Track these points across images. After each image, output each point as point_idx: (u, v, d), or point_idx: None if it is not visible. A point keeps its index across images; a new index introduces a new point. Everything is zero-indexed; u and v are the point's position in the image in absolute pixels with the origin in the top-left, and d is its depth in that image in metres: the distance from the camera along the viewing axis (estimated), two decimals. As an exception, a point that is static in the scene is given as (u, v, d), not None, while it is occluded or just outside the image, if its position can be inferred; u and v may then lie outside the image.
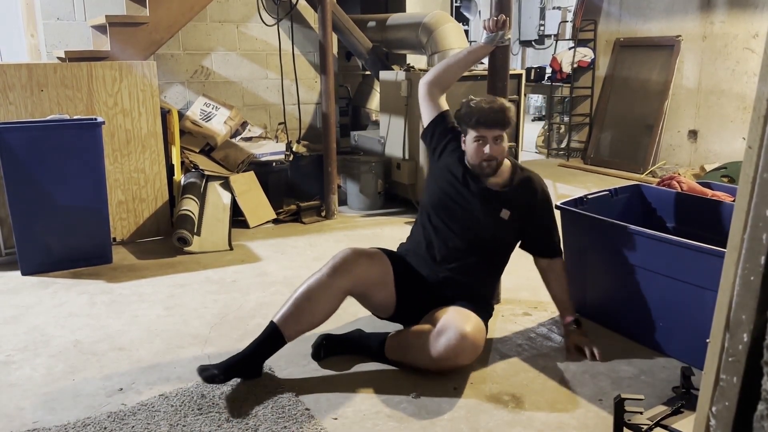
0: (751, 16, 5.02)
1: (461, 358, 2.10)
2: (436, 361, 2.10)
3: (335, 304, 2.19)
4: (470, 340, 2.08)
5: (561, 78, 6.69)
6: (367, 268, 2.24)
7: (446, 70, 2.57)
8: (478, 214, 2.34)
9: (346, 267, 2.19)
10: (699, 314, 2.14)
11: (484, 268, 2.38)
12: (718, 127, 5.38)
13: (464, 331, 2.07)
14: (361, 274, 2.21)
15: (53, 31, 4.24)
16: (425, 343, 2.11)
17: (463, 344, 2.07)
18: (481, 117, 2.25)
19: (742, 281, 0.80)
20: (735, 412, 0.82)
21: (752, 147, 0.78)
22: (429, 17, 4.56)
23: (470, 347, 2.09)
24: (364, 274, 2.23)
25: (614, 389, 2.08)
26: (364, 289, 2.26)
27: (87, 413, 1.96)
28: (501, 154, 2.31)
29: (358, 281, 2.22)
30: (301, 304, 2.14)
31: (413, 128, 4.30)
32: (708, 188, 2.83)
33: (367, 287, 2.26)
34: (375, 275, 2.26)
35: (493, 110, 2.25)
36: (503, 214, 2.33)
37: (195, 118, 4.40)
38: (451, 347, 2.06)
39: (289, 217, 4.22)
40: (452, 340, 2.06)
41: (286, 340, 2.14)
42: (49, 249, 3.22)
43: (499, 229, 2.35)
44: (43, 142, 3.11)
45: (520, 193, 2.36)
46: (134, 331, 2.57)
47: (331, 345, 2.33)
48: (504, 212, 2.33)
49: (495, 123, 2.25)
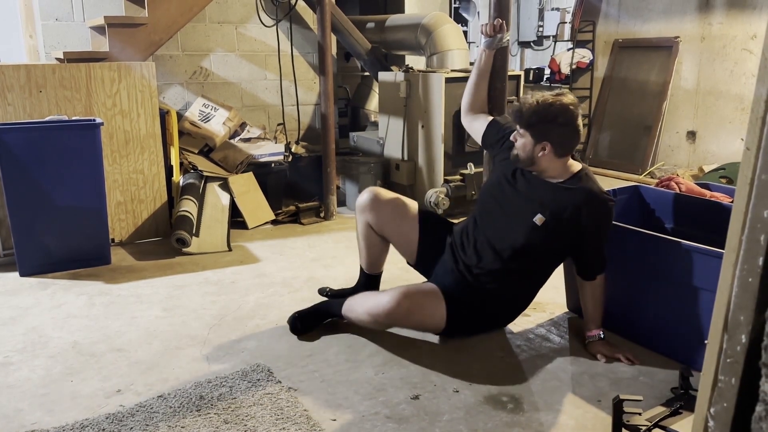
0: (750, 17, 5.03)
1: (383, 318, 2.27)
2: (367, 316, 2.32)
3: (377, 238, 2.62)
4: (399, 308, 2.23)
5: (560, 79, 6.68)
6: (387, 204, 2.56)
7: (471, 94, 2.65)
8: (515, 219, 2.27)
9: (367, 204, 2.57)
10: (697, 315, 2.14)
11: (513, 275, 2.31)
12: (717, 128, 5.38)
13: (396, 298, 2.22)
14: (382, 215, 2.55)
15: (52, 32, 4.24)
16: (367, 299, 2.36)
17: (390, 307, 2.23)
18: (510, 111, 2.33)
19: (740, 282, 0.80)
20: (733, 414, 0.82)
21: (750, 148, 0.78)
22: (428, 18, 4.57)
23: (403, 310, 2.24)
24: (384, 216, 2.55)
25: (613, 390, 2.08)
26: (386, 223, 2.56)
27: (85, 414, 1.96)
28: (521, 150, 2.23)
29: (380, 214, 2.55)
30: (370, 252, 2.68)
31: (412, 129, 4.31)
32: (706, 189, 2.84)
33: (389, 221, 2.56)
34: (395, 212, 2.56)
35: (516, 106, 2.26)
36: (537, 219, 2.20)
37: (194, 119, 4.40)
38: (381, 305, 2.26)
39: (288, 218, 4.22)
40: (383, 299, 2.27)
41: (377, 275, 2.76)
42: (48, 250, 3.21)
43: (532, 235, 2.22)
44: (41, 143, 3.11)
45: (567, 198, 2.20)
46: (133, 332, 2.56)
47: (303, 318, 2.52)
48: (539, 217, 2.20)
49: (514, 117, 2.28)
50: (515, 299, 2.42)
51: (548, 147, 2.18)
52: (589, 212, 2.17)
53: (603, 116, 6.22)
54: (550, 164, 2.23)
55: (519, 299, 2.43)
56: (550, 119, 2.16)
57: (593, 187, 2.21)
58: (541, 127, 2.17)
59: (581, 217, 2.17)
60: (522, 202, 2.28)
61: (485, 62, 2.62)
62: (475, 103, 2.63)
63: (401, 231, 2.56)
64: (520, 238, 2.24)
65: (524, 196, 2.28)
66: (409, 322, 2.34)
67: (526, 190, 2.28)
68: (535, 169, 2.26)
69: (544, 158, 2.21)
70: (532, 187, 2.28)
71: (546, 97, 2.19)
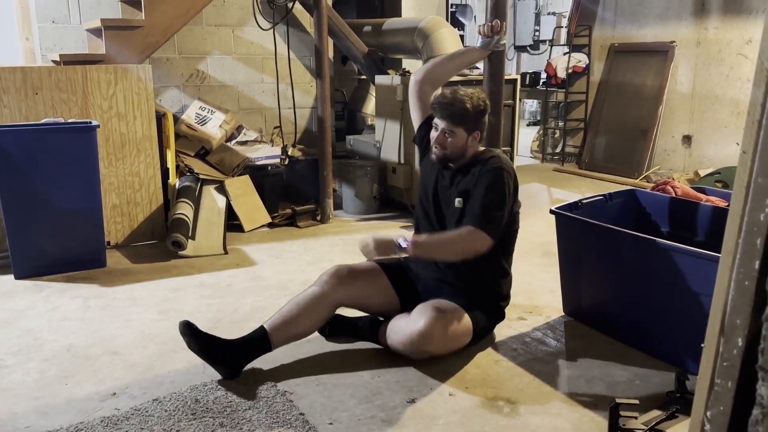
0: (745, 22, 5.06)
1: (427, 347, 2.18)
2: (407, 347, 2.19)
3: (324, 317, 2.33)
4: (434, 331, 2.15)
5: (556, 83, 6.70)
6: (362, 283, 2.38)
7: (439, 67, 2.57)
8: (446, 210, 2.37)
9: (339, 281, 2.32)
10: (693, 319, 2.14)
11: (472, 266, 2.31)
12: (712, 132, 5.40)
13: (428, 322, 2.14)
14: (354, 289, 2.35)
15: (48, 35, 4.23)
16: (400, 329, 2.22)
17: (428, 333, 2.14)
18: (435, 103, 2.32)
19: (736, 286, 0.80)
20: (730, 417, 0.82)
21: (747, 152, 0.78)
22: (424, 22, 4.57)
23: (438, 337, 2.16)
24: (357, 289, 2.36)
25: (609, 394, 2.08)
26: (361, 301, 2.39)
27: (80, 418, 1.95)
28: (451, 148, 2.30)
29: (353, 294, 2.36)
30: (291, 317, 2.25)
31: (408, 132, 4.30)
32: (702, 193, 2.85)
33: (364, 299, 2.39)
34: (369, 289, 2.39)
35: (445, 100, 2.28)
36: (458, 203, 2.31)
37: (190, 122, 4.39)
38: (416, 336, 2.15)
39: (285, 221, 4.21)
40: (416, 330, 2.15)
41: (272, 347, 2.23)
42: (43, 252, 3.20)
43: (459, 217, 2.29)
44: (37, 145, 3.10)
45: (472, 175, 2.30)
46: (128, 335, 2.55)
47: (337, 324, 2.47)
48: (458, 201, 2.31)
49: (442, 114, 2.29)
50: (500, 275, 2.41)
51: (478, 136, 2.33)
52: (483, 172, 2.28)
53: (599, 120, 6.23)
54: (473, 151, 2.36)
55: (500, 274, 2.41)
56: (483, 111, 2.31)
57: (490, 155, 2.34)
58: (476, 119, 2.29)
59: (480, 173, 2.28)
60: (449, 196, 2.36)
61: (472, 54, 2.61)
62: (431, 78, 2.57)
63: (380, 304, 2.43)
64: (453, 225, 2.31)
65: (448, 189, 2.37)
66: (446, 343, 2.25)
67: (450, 181, 2.37)
68: (463, 160, 2.34)
69: (472, 147, 2.34)
70: (453, 178, 2.37)
71: (465, 92, 2.30)
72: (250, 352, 2.20)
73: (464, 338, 2.29)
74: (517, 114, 4.89)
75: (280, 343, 2.24)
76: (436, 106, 2.30)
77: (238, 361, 2.18)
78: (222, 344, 2.17)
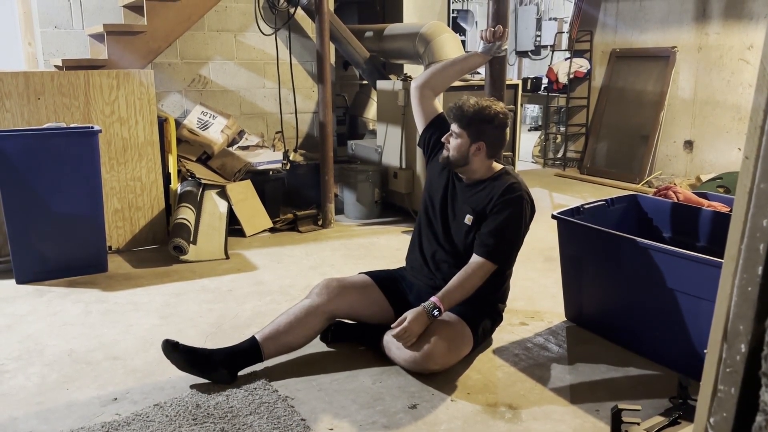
0: (746, 27, 5.06)
1: (432, 366, 2.18)
2: (410, 365, 2.21)
3: (318, 328, 2.33)
4: (436, 351, 2.15)
5: (557, 88, 6.71)
6: (354, 295, 2.38)
7: (440, 72, 2.57)
8: (453, 223, 2.38)
9: (331, 293, 2.33)
10: (696, 324, 2.14)
11: None
12: (714, 137, 5.40)
13: (430, 346, 2.15)
14: (346, 301, 2.35)
15: (51, 40, 4.24)
16: (402, 346, 2.21)
17: (430, 353, 2.15)
18: (451, 104, 2.34)
19: (739, 291, 0.80)
20: (733, 424, 0.81)
21: (749, 157, 0.78)
22: (426, 28, 4.58)
23: (439, 355, 2.17)
24: (349, 300, 2.36)
25: (611, 400, 2.07)
26: (354, 311, 2.40)
27: (81, 423, 1.95)
28: (453, 150, 2.31)
29: (346, 305, 2.36)
30: (284, 327, 2.25)
31: (410, 137, 4.31)
32: (704, 198, 2.84)
33: (358, 310, 2.40)
34: (361, 301, 2.39)
35: (458, 103, 2.30)
36: (467, 220, 2.32)
37: (192, 127, 4.40)
38: (419, 357, 2.16)
39: (286, 225, 4.22)
40: (419, 352, 2.16)
41: (263, 358, 2.23)
42: (44, 257, 3.20)
43: (467, 236, 2.32)
44: (39, 150, 3.11)
45: (486, 194, 2.30)
46: (129, 340, 2.55)
47: (339, 331, 2.46)
48: (468, 218, 2.31)
49: (449, 113, 2.32)
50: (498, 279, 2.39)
51: (483, 147, 2.28)
52: (500, 198, 2.26)
53: (600, 126, 6.24)
54: (481, 165, 2.33)
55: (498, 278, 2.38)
56: (488, 120, 2.27)
57: (511, 180, 2.31)
58: (479, 127, 2.27)
59: (493, 203, 2.27)
60: (458, 209, 2.37)
61: (473, 59, 2.61)
62: (432, 83, 2.56)
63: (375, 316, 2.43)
64: (460, 240, 2.34)
65: (460, 201, 2.37)
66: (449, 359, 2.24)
67: (461, 195, 2.37)
68: (466, 169, 2.33)
69: (477, 158, 2.30)
70: (464, 192, 2.37)
71: (483, 100, 2.31)
72: (239, 362, 2.20)
73: (466, 349, 2.29)
74: (519, 119, 4.90)
75: (273, 353, 2.24)
76: (451, 105, 2.33)
77: (229, 369, 2.17)
78: (207, 354, 2.18)
